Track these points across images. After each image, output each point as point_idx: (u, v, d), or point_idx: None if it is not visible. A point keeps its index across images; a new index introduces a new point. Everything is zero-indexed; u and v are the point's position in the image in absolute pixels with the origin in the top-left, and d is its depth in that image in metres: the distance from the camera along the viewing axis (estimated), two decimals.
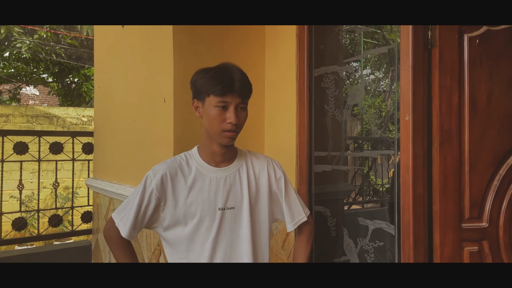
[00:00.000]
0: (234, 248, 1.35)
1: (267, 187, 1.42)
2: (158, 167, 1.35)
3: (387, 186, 2.13)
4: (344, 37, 2.12)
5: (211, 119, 1.28)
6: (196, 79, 1.32)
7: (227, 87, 1.27)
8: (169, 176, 1.32)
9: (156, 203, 1.32)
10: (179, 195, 1.32)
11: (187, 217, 1.32)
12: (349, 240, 1.97)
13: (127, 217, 1.33)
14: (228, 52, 2.28)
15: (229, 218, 1.34)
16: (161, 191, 1.31)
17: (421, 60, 1.60)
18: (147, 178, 1.33)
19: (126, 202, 1.37)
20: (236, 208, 1.35)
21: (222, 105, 1.27)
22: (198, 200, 1.32)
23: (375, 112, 2.04)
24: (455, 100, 1.60)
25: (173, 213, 1.32)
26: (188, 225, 1.32)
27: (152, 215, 1.33)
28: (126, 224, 1.32)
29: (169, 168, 1.33)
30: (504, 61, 1.65)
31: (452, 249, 1.59)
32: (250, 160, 1.42)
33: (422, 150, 1.61)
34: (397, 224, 1.67)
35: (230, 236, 1.34)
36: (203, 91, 1.29)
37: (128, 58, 2.72)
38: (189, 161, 1.36)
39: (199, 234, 1.32)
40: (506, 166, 1.64)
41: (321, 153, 2.13)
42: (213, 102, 1.27)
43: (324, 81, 2.11)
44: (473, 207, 1.61)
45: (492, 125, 1.62)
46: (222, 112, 1.27)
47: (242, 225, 1.35)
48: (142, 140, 2.50)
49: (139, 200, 1.31)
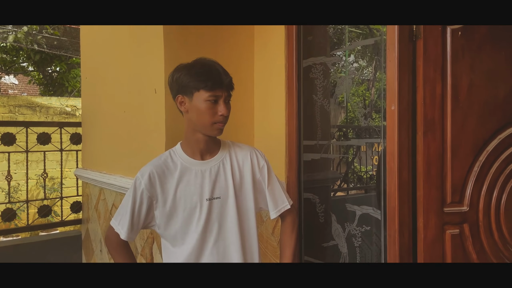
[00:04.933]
0: (222, 236, 1.41)
1: (251, 176, 1.48)
2: (144, 168, 1.41)
3: (371, 173, 2.21)
4: (333, 27, 2.17)
5: (202, 113, 1.34)
6: (181, 75, 1.36)
7: (217, 82, 1.34)
8: (156, 174, 1.38)
9: (149, 203, 1.38)
10: (168, 192, 1.38)
11: (178, 210, 1.39)
12: (337, 225, 2.05)
13: (124, 220, 1.39)
14: (218, 43, 2.31)
15: (216, 208, 1.41)
16: (151, 190, 1.37)
17: (406, 52, 1.67)
18: (136, 180, 1.39)
19: (121, 206, 1.43)
20: (222, 198, 1.41)
21: (214, 99, 1.33)
22: (186, 194, 1.38)
23: (359, 101, 2.10)
24: (438, 90, 1.67)
25: (164, 209, 1.38)
26: (179, 218, 1.39)
27: (147, 214, 1.40)
28: (124, 227, 1.39)
29: (155, 167, 1.39)
30: (484, 53, 1.72)
31: (434, 232, 1.68)
32: (233, 151, 1.49)
33: (407, 139, 1.68)
34: (383, 209, 1.76)
35: (218, 224, 1.41)
36: (192, 86, 1.33)
37: (117, 48, 2.72)
38: (173, 157, 1.43)
39: (190, 225, 1.39)
40: (486, 153, 1.73)
41: (310, 142, 2.19)
42: (204, 97, 1.33)
43: (312, 71, 2.16)
44: (454, 192, 1.70)
45: (473, 115, 1.70)
46: (213, 105, 1.34)
47: (229, 214, 1.42)
48: (133, 130, 2.52)
49: (132, 202, 1.38)
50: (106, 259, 2.89)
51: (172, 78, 1.40)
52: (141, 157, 2.41)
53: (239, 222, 1.43)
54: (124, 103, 2.62)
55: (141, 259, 2.41)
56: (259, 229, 2.33)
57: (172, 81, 1.40)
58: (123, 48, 2.63)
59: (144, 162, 2.54)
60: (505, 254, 1.77)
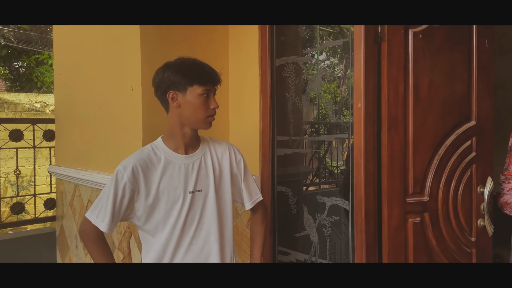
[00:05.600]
0: (202, 226, 1.49)
1: (229, 170, 1.56)
2: (127, 161, 1.43)
3: (342, 168, 2.33)
4: (305, 28, 2.26)
5: (196, 107, 1.41)
6: (172, 72, 1.41)
7: (210, 77, 1.42)
8: (140, 168, 1.41)
9: (130, 195, 1.41)
10: (152, 185, 1.42)
11: (160, 203, 1.43)
12: (308, 216, 2.15)
13: (104, 212, 1.40)
14: (193, 41, 2.37)
15: (198, 200, 1.48)
16: (133, 183, 1.40)
17: (372, 53, 1.78)
18: (118, 173, 1.41)
19: (98, 200, 1.44)
20: (204, 191, 1.48)
21: (207, 93, 1.41)
22: (170, 186, 1.43)
23: (331, 98, 2.21)
24: (401, 89, 1.79)
25: (146, 202, 1.42)
26: (162, 210, 1.44)
27: (127, 207, 1.42)
28: (105, 219, 1.40)
29: (138, 160, 1.42)
30: (443, 54, 1.85)
31: (398, 221, 1.81)
32: (212, 146, 1.56)
33: (373, 134, 1.80)
34: (351, 200, 1.87)
35: (198, 215, 1.48)
36: (185, 82, 1.39)
37: (91, 44, 2.73)
38: (156, 151, 1.46)
39: (172, 216, 1.44)
40: (444, 147, 1.87)
41: (283, 138, 2.29)
42: (198, 91, 1.40)
43: (285, 70, 2.26)
44: (416, 183, 1.83)
45: (433, 112, 1.84)
46: (205, 100, 1.41)
47: (209, 206, 1.49)
48: (109, 126, 2.55)
49: (113, 194, 1.39)
50: (82, 255, 2.91)
51: (161, 75, 1.43)
52: (118, 153, 2.45)
53: (218, 213, 1.51)
54: (100, 100, 2.64)
55: (118, 253, 2.45)
56: (234, 221, 2.42)
57: (161, 78, 1.42)
58: (98, 44, 2.65)
59: (120, 158, 2.57)
60: (462, 240, 1.92)
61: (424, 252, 1.84)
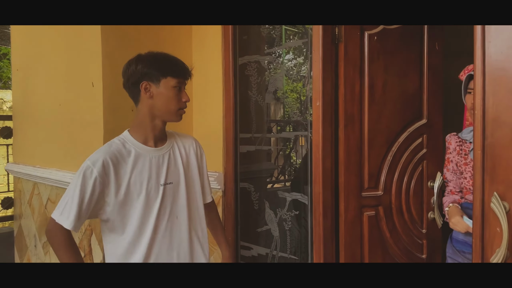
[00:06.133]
0: (173, 217, 1.49)
1: (196, 162, 1.59)
2: (95, 156, 1.39)
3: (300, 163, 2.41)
4: (267, 28, 2.31)
5: (169, 99, 1.41)
6: (147, 63, 1.40)
7: (183, 71, 1.44)
8: (110, 162, 1.37)
9: (100, 190, 1.36)
10: (123, 178, 1.39)
11: (132, 196, 1.41)
12: (270, 211, 2.21)
13: (70, 210, 1.34)
14: (156, 38, 2.37)
15: (169, 192, 1.48)
16: (104, 178, 1.36)
17: (329, 54, 1.85)
18: (86, 169, 1.35)
19: (63, 198, 1.38)
20: (175, 183, 1.49)
21: (179, 86, 1.42)
22: (142, 179, 1.42)
23: (297, 97, 2.27)
24: (357, 88, 1.88)
25: (118, 196, 1.39)
26: (134, 203, 1.41)
27: (97, 203, 1.38)
28: (70, 217, 1.34)
29: (108, 154, 1.39)
30: (396, 55, 1.95)
31: (354, 214, 1.89)
32: (179, 139, 1.58)
33: (330, 131, 1.87)
34: (310, 195, 1.94)
35: (170, 208, 1.48)
36: (160, 73, 1.39)
37: (50, 39, 2.68)
38: (125, 144, 1.43)
39: (144, 209, 1.42)
40: (397, 144, 1.97)
41: (246, 135, 2.33)
42: (172, 83, 1.40)
43: (247, 69, 2.30)
44: (371, 178, 1.92)
45: (387, 110, 1.93)
46: (178, 92, 1.42)
47: (180, 198, 1.51)
48: (69, 123, 2.51)
49: (80, 191, 1.34)
50: (41, 254, 2.85)
51: (134, 66, 1.41)
52: (78, 150, 2.42)
53: (188, 205, 1.53)
54: (60, 96, 2.59)
55: None
56: None
57: (134, 69, 1.41)
58: (58, 40, 2.60)
59: (81, 155, 2.54)
60: (414, 232, 2.04)
61: (378, 243, 1.94)
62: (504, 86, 1.16)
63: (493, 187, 1.19)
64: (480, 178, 1.22)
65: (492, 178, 1.19)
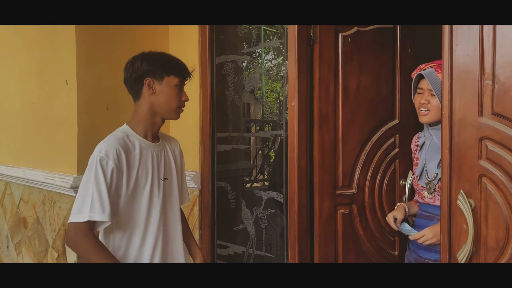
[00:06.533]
0: (169, 213, 1.51)
1: (180, 162, 1.63)
2: (104, 147, 1.34)
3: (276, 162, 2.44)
4: (244, 28, 2.32)
5: (171, 97, 1.44)
6: (152, 60, 1.43)
7: (185, 71, 1.49)
8: (122, 152, 1.36)
9: (116, 182, 1.34)
10: (132, 169, 1.39)
11: (139, 188, 1.41)
12: (246, 210, 2.23)
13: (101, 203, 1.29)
14: (132, 37, 2.35)
15: (167, 188, 1.51)
16: (120, 168, 1.35)
17: (305, 54, 1.88)
18: (101, 160, 1.31)
19: (83, 197, 1.31)
20: (169, 179, 1.53)
21: (180, 85, 1.46)
22: (147, 172, 1.44)
23: (276, 97, 2.29)
24: (332, 89, 1.91)
25: (128, 188, 1.38)
26: (140, 197, 1.41)
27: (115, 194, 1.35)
28: (105, 208, 1.29)
29: (119, 144, 1.37)
30: (370, 57, 2.00)
31: (328, 212, 1.93)
32: (166, 139, 1.61)
33: (305, 131, 1.90)
34: (285, 194, 1.97)
35: (167, 203, 1.51)
36: (163, 71, 1.42)
37: (23, 36, 2.62)
38: (129, 137, 1.43)
39: (150, 202, 1.43)
40: (371, 144, 2.02)
41: (222, 134, 2.34)
42: (174, 82, 1.44)
43: (224, 68, 2.31)
44: (345, 177, 1.96)
45: (360, 110, 1.98)
46: (179, 91, 1.46)
47: (173, 194, 1.54)
48: (42, 121, 2.46)
49: (104, 181, 1.30)
50: (14, 255, 2.79)
51: (139, 63, 1.42)
52: (52, 149, 2.38)
53: (178, 202, 1.56)
54: (33, 94, 2.54)
55: (52, 251, 2.39)
56: None
57: (139, 65, 1.42)
58: (31, 36, 2.54)
59: (55, 154, 2.50)
60: (386, 229, 2.08)
61: (352, 241, 1.98)
62: (470, 88, 1.21)
63: (459, 185, 1.24)
64: (447, 176, 1.27)
65: (458, 176, 1.24)
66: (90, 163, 1.34)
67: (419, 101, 1.57)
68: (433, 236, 1.50)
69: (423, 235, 1.52)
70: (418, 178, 1.66)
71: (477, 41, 1.18)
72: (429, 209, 1.61)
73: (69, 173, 2.20)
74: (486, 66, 1.17)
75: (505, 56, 1.13)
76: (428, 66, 1.59)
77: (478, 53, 1.18)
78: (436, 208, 1.55)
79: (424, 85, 1.56)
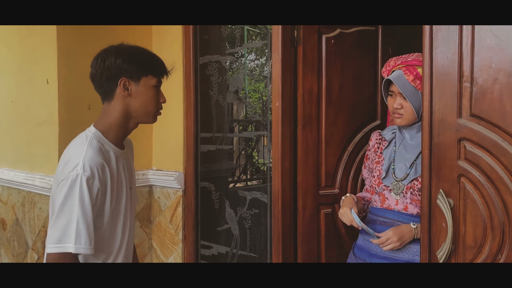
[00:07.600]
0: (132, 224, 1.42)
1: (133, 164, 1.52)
2: (89, 163, 1.20)
3: (270, 165, 2.45)
4: (228, 28, 2.33)
5: (149, 99, 1.29)
6: (128, 57, 1.27)
7: (164, 69, 1.34)
8: (106, 166, 1.25)
9: (101, 202, 1.24)
10: (113, 185, 1.28)
11: (119, 202, 1.32)
12: (230, 210, 2.23)
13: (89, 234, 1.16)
14: (115, 34, 2.32)
15: (133, 198, 1.42)
16: (104, 186, 1.24)
17: (289, 56, 1.90)
18: (88, 181, 1.17)
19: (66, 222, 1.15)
20: (133, 187, 1.42)
21: (159, 85, 1.31)
22: (122, 185, 1.32)
23: (259, 97, 2.30)
24: (315, 90, 1.93)
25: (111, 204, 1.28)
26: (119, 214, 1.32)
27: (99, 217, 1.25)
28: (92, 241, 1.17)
29: (101, 157, 1.24)
30: (352, 59, 2.02)
31: (311, 212, 1.95)
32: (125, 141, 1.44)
33: (289, 131, 1.92)
34: (269, 193, 1.98)
35: (132, 214, 1.42)
36: (140, 71, 1.27)
37: (2, 34, 2.56)
38: (104, 146, 1.28)
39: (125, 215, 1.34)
40: (353, 144, 2.05)
41: (206, 134, 2.34)
42: (152, 82, 1.29)
43: (208, 68, 2.31)
44: (327, 177, 1.98)
45: (343, 111, 2.00)
46: (157, 92, 1.31)
47: (134, 202, 1.44)
48: (22, 121, 2.42)
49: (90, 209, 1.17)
50: None
51: (112, 60, 1.26)
52: (31, 149, 2.34)
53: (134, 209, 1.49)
54: (12, 93, 2.49)
55: (32, 253, 2.34)
56: (157, 218, 2.43)
57: (112, 63, 1.25)
58: (10, 34, 2.49)
59: (35, 154, 2.46)
60: None
61: (334, 239, 2.00)
62: (449, 90, 1.24)
63: (439, 185, 1.28)
64: (427, 176, 1.30)
65: (438, 176, 1.28)
66: (71, 182, 1.16)
67: (392, 105, 1.57)
68: (397, 240, 1.45)
69: (389, 238, 1.45)
70: (382, 177, 1.61)
71: (456, 45, 1.21)
72: (387, 214, 1.56)
73: (50, 174, 2.16)
74: (464, 69, 1.20)
75: (483, 59, 1.17)
76: (396, 67, 1.59)
77: (457, 56, 1.21)
78: (395, 214, 1.52)
79: (395, 89, 1.56)
